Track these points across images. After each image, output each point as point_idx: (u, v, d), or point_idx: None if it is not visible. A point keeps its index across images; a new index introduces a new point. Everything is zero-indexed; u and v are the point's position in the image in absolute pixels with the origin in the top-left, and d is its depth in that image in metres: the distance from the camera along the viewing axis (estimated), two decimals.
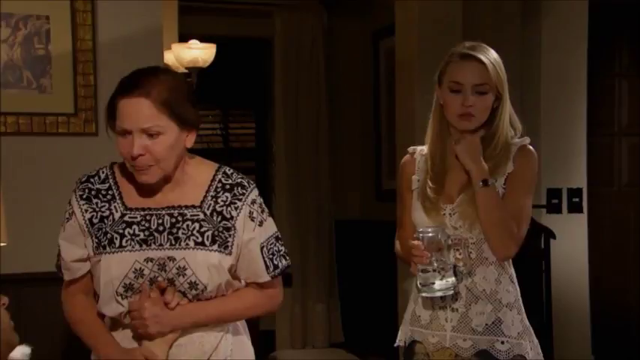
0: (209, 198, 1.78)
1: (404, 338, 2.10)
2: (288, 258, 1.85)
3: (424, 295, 1.97)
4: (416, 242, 1.93)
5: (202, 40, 4.25)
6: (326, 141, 5.24)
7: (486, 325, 1.98)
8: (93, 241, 1.75)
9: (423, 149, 2.11)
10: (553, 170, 4.07)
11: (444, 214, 2.01)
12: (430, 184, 2.03)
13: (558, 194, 4.08)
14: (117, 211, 1.76)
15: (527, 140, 2.06)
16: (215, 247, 1.74)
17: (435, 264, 1.92)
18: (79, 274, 1.80)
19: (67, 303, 1.85)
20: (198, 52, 4.18)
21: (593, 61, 4.14)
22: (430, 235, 1.92)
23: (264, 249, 1.81)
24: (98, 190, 1.79)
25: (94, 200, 1.77)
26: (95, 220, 1.76)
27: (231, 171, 1.83)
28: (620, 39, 4.53)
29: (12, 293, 1.69)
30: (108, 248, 1.73)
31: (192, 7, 4.66)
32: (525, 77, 4.11)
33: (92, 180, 1.80)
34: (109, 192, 1.78)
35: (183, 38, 4.27)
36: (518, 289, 2.07)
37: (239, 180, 1.81)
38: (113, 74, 2.75)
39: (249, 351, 1.90)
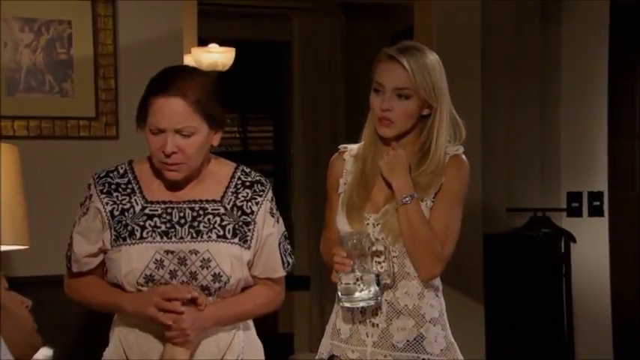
0: (229, 194, 1.82)
1: (324, 352, 2.00)
2: (293, 257, 1.90)
3: (345, 305, 1.87)
4: (338, 248, 1.84)
5: (221, 43, 4.27)
6: (344, 144, 5.23)
7: (408, 341, 1.90)
8: (112, 234, 1.77)
9: (353, 149, 2.02)
10: (573, 173, 4.04)
11: (368, 223, 1.91)
12: (357, 189, 1.94)
13: (579, 197, 4.05)
14: (137, 204, 1.79)
15: (460, 150, 1.93)
16: (236, 240, 1.78)
17: (358, 272, 1.83)
18: (86, 269, 1.82)
19: (76, 282, 1.84)
20: (218, 56, 4.20)
21: (614, 63, 4.11)
22: (354, 241, 1.83)
23: (281, 245, 1.85)
24: (118, 184, 1.81)
25: (115, 194, 1.80)
26: (116, 213, 1.78)
27: (249, 169, 1.88)
28: None
29: (33, 296, 1.70)
30: (128, 240, 1.75)
31: (211, 11, 4.69)
32: (545, 78, 4.08)
33: (111, 175, 1.83)
34: (129, 186, 1.81)
35: (203, 42, 4.30)
36: (443, 302, 1.97)
37: (257, 178, 1.86)
38: (134, 78, 2.80)
39: (259, 347, 1.92)
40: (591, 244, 4.03)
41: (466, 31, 3.78)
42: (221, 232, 1.77)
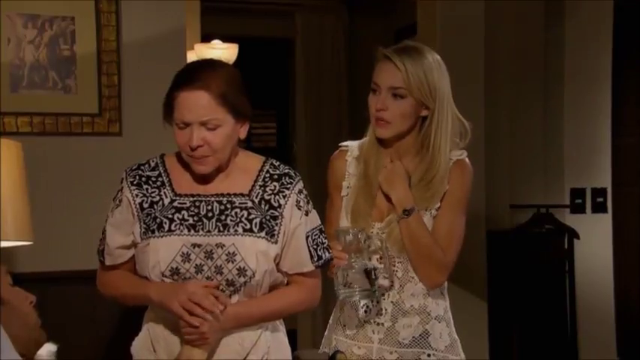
0: (257, 187, 1.82)
1: (328, 346, 2.02)
2: (330, 251, 1.87)
3: (344, 298, 1.90)
4: (334, 242, 1.86)
5: (224, 40, 4.28)
6: (345, 142, 5.23)
7: (413, 337, 1.93)
8: (141, 226, 1.78)
9: (355, 149, 2.02)
10: (577, 170, 4.04)
11: (372, 232, 1.93)
12: (362, 194, 1.94)
13: (582, 194, 4.04)
14: (166, 197, 1.80)
15: (464, 154, 1.94)
16: (263, 234, 1.77)
17: (355, 266, 1.85)
18: (119, 261, 1.83)
19: (107, 276, 1.85)
20: (221, 52, 4.20)
21: (617, 60, 4.10)
22: (350, 235, 1.85)
23: (309, 238, 1.83)
24: (148, 177, 1.82)
25: (145, 186, 1.81)
26: (145, 205, 1.79)
27: (278, 163, 1.87)
28: None
29: (37, 291, 1.70)
30: (157, 232, 1.76)
31: (214, 8, 4.68)
32: (549, 77, 4.08)
33: (142, 167, 1.84)
34: (159, 179, 1.82)
35: (206, 38, 4.30)
36: (447, 300, 1.99)
37: (286, 170, 1.85)
38: (137, 74, 2.81)
39: (287, 349, 1.91)
40: (595, 240, 4.03)
41: (469, 29, 3.77)
42: (248, 226, 1.76)
